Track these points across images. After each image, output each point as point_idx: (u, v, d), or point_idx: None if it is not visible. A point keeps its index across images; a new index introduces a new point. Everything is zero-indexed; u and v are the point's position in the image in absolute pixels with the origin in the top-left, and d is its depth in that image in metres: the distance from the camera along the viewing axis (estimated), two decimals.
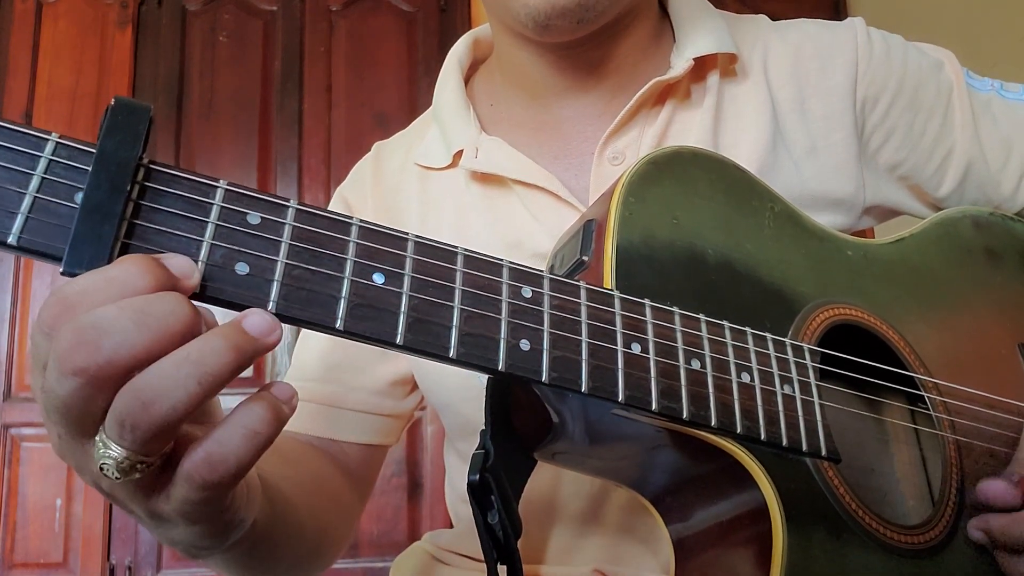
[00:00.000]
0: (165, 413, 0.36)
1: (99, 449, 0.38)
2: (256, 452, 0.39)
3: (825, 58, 0.81)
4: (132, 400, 0.36)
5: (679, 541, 0.59)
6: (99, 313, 0.36)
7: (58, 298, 0.37)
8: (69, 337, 0.35)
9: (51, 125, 2.51)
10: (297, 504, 0.66)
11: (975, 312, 0.73)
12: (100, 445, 0.37)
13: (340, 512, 0.80)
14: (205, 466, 0.39)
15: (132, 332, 0.36)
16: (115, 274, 0.37)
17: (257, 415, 0.39)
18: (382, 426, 0.85)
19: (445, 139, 0.83)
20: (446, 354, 0.44)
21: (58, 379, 0.36)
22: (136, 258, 0.37)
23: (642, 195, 0.58)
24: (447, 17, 2.89)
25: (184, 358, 0.37)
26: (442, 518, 1.10)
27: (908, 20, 2.52)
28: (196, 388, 0.37)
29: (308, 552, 0.72)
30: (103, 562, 2.46)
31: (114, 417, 0.37)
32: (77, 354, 0.35)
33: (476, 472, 0.54)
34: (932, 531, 0.60)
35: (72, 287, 0.37)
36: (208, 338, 0.38)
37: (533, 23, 0.71)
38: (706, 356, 0.53)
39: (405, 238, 0.46)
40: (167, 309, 0.36)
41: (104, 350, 0.35)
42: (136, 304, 0.36)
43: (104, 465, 0.37)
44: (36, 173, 0.38)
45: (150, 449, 0.38)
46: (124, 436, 0.37)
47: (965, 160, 0.82)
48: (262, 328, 0.39)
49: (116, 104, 0.39)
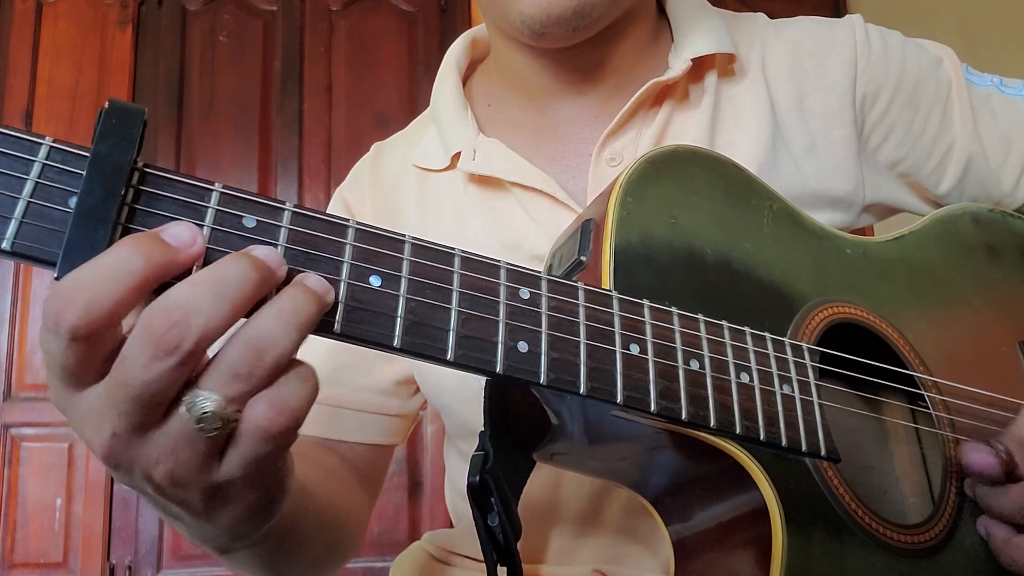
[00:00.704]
0: (277, 357, 0.39)
1: (193, 407, 0.39)
2: (311, 399, 0.41)
3: (824, 56, 0.81)
4: (245, 349, 0.39)
5: (679, 542, 0.59)
6: (176, 293, 0.37)
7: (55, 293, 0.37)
8: (160, 321, 0.37)
9: (51, 125, 2.52)
10: (317, 499, 0.67)
11: (975, 309, 0.73)
12: (193, 404, 0.39)
13: (354, 509, 0.80)
14: (273, 412, 0.40)
15: (214, 304, 0.37)
16: (107, 260, 0.37)
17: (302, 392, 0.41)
18: (389, 426, 0.86)
19: (443, 140, 0.83)
20: (444, 357, 0.44)
21: (148, 363, 0.37)
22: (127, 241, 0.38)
23: (640, 195, 0.58)
24: (447, 17, 2.89)
25: (280, 310, 0.39)
26: (442, 518, 1.10)
27: (907, 18, 2.52)
28: (296, 334, 0.39)
29: (328, 548, 0.72)
30: (103, 562, 2.46)
31: (227, 370, 0.39)
32: (171, 335, 0.37)
33: (476, 474, 0.54)
34: (932, 530, 0.60)
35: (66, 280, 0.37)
36: (291, 291, 0.40)
37: (529, 31, 0.71)
38: (705, 356, 0.53)
39: (402, 240, 0.45)
40: (237, 274, 0.38)
41: (195, 327, 0.37)
42: (208, 277, 0.38)
43: (205, 416, 0.38)
44: (30, 178, 0.38)
45: (248, 396, 0.40)
46: (233, 386, 0.39)
47: (965, 156, 0.82)
48: (322, 285, 0.42)
49: (110, 107, 0.39)
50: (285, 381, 0.40)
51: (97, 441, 0.41)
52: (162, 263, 0.38)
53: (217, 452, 0.41)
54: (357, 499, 0.81)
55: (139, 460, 0.41)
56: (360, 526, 0.82)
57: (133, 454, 0.41)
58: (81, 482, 2.48)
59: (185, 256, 0.39)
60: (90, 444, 0.41)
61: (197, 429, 0.39)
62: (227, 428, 0.39)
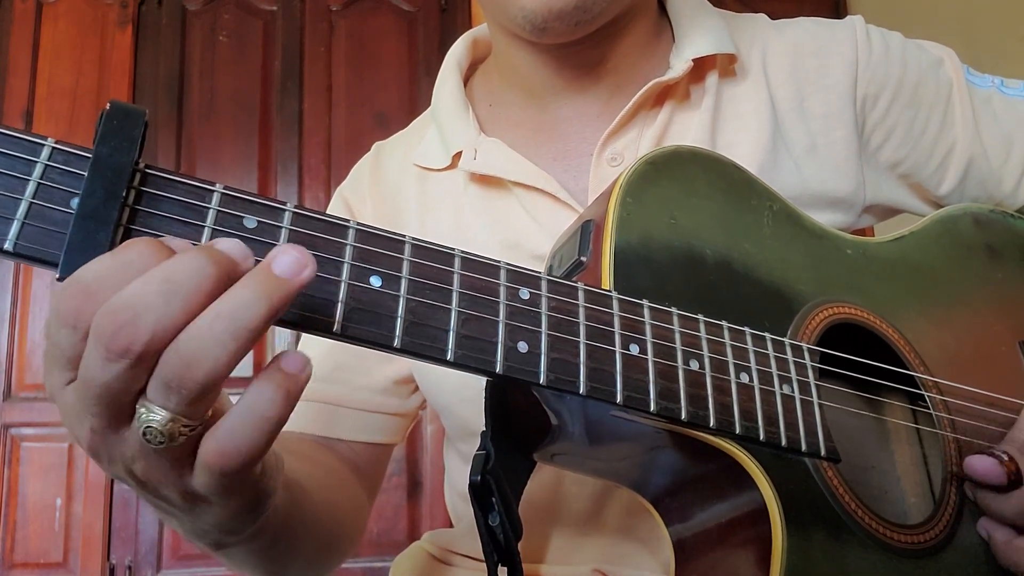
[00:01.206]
0: (207, 371, 0.36)
1: (141, 417, 0.38)
2: (270, 436, 0.39)
3: (824, 56, 0.81)
4: (176, 362, 0.36)
5: (679, 542, 0.59)
6: (127, 293, 0.36)
7: (78, 288, 0.37)
8: (108, 322, 0.35)
9: (51, 125, 2.52)
10: (313, 496, 0.66)
11: (975, 310, 0.73)
12: (142, 413, 0.38)
13: (352, 507, 0.80)
14: (218, 457, 0.39)
15: (163, 304, 0.36)
16: (131, 257, 0.37)
17: (267, 398, 0.38)
18: (388, 425, 0.86)
19: (444, 140, 0.83)
20: (444, 357, 0.44)
21: (102, 365, 0.36)
22: (145, 240, 0.37)
23: (640, 195, 0.58)
24: (447, 17, 2.89)
25: (216, 315, 0.36)
26: (442, 518, 1.10)
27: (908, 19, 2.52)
28: (233, 344, 0.36)
29: (325, 545, 0.72)
30: (103, 562, 2.46)
31: (160, 381, 0.37)
32: (120, 337, 0.35)
33: (477, 473, 0.54)
34: (932, 530, 0.60)
35: (88, 274, 0.36)
36: (237, 291, 0.37)
37: (530, 25, 0.71)
38: (704, 357, 0.53)
39: (402, 241, 0.45)
40: (190, 271, 0.36)
41: (143, 330, 0.35)
42: (157, 275, 0.36)
43: (148, 429, 0.37)
44: (32, 179, 0.38)
45: (195, 410, 0.38)
46: (170, 398, 0.37)
47: (966, 157, 0.82)
48: (292, 268, 0.38)
49: (111, 108, 0.39)
50: (235, 419, 0.38)
51: (80, 434, 0.41)
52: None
53: (184, 463, 0.41)
54: (355, 497, 0.81)
55: (119, 456, 0.41)
56: (359, 524, 0.82)
57: (112, 449, 0.41)
58: (81, 482, 2.48)
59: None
60: (77, 439, 0.42)
61: (144, 441, 0.38)
62: (176, 443, 0.38)
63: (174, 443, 0.38)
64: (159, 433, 0.37)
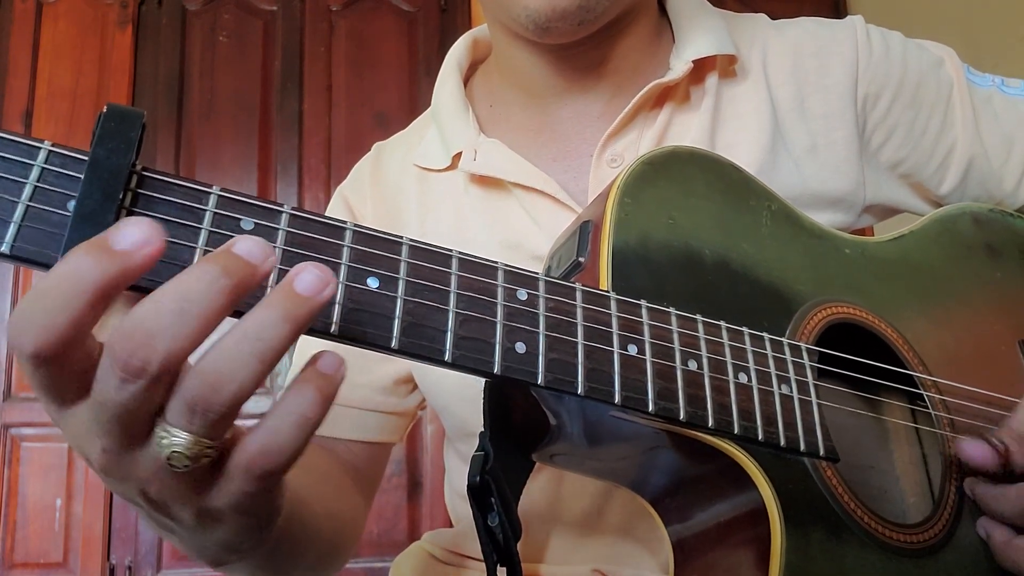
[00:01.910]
0: (234, 392, 0.36)
1: (162, 440, 0.37)
2: (308, 436, 0.39)
3: (825, 56, 0.81)
4: (200, 384, 0.36)
5: (678, 542, 0.59)
6: (140, 312, 0.35)
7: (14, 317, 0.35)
8: (122, 344, 0.35)
9: (51, 125, 2.52)
10: (313, 507, 0.66)
11: (975, 309, 0.73)
12: (163, 436, 0.37)
13: (351, 515, 0.80)
14: (261, 457, 0.38)
15: (178, 323, 0.35)
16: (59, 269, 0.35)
17: (307, 399, 0.38)
18: (386, 424, 0.85)
19: (444, 141, 0.83)
20: (441, 358, 0.44)
21: (118, 386, 0.35)
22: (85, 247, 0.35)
23: (638, 196, 0.58)
24: (447, 17, 2.89)
25: (243, 336, 0.36)
26: (442, 518, 1.10)
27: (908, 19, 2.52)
28: (258, 365, 0.36)
29: (325, 552, 0.72)
30: (103, 562, 2.46)
31: (183, 403, 0.36)
32: (136, 359, 0.34)
33: (476, 474, 0.54)
34: (931, 530, 0.60)
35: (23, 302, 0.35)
36: (260, 311, 0.36)
37: (533, 25, 0.70)
38: (703, 357, 0.53)
39: (399, 242, 0.45)
40: (203, 285, 0.35)
41: (159, 350, 0.35)
42: (170, 291, 0.35)
43: (174, 455, 0.37)
44: (29, 181, 0.38)
45: (218, 432, 0.38)
46: (194, 421, 0.37)
47: (967, 157, 0.82)
48: (315, 286, 0.37)
49: (108, 111, 0.39)
50: (277, 419, 0.38)
51: (92, 455, 0.40)
52: (114, 273, 0.34)
53: (204, 481, 0.41)
54: (352, 501, 0.81)
55: (132, 476, 0.41)
56: (356, 529, 0.82)
57: (126, 470, 0.40)
58: (81, 482, 2.48)
59: (140, 257, 0.35)
60: (87, 458, 0.41)
61: (168, 465, 0.38)
62: (199, 463, 0.38)
63: (198, 464, 0.38)
64: (184, 457, 0.37)
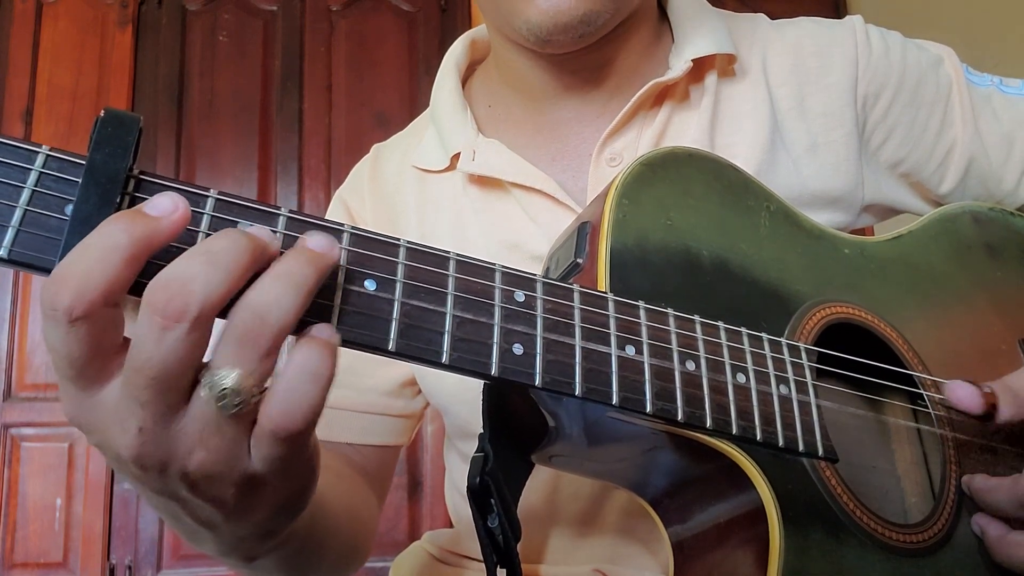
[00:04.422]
0: (279, 320, 0.39)
1: (212, 381, 0.38)
2: (324, 393, 0.40)
3: (824, 56, 0.81)
4: (249, 315, 0.38)
5: (678, 543, 0.59)
6: (174, 266, 0.37)
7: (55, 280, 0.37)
8: (160, 293, 0.37)
9: (51, 125, 2.51)
10: (331, 501, 0.67)
11: (975, 308, 0.73)
12: (209, 381, 0.38)
13: (366, 510, 0.80)
14: (284, 417, 0.39)
15: (210, 272, 0.37)
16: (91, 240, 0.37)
17: (316, 356, 0.40)
18: (394, 427, 0.86)
19: (442, 141, 0.83)
20: (438, 360, 0.44)
21: (159, 338, 0.37)
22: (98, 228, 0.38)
23: (636, 197, 0.58)
24: (447, 17, 2.89)
25: (277, 275, 0.39)
26: (442, 518, 1.10)
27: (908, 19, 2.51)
28: (296, 299, 0.39)
29: (346, 550, 0.72)
30: (103, 562, 2.46)
31: (233, 339, 0.38)
32: (174, 303, 0.37)
33: (476, 475, 0.54)
34: (931, 529, 0.60)
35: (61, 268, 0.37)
36: (285, 261, 0.40)
37: (534, 37, 0.71)
38: (701, 357, 0.53)
39: (397, 244, 0.46)
40: (227, 245, 0.38)
41: (196, 294, 0.37)
42: (200, 249, 0.38)
43: (224, 392, 0.38)
44: (27, 186, 0.38)
45: (266, 367, 0.39)
46: (242, 355, 0.38)
47: (967, 156, 0.82)
48: (325, 243, 0.41)
49: (105, 116, 0.39)
50: (291, 379, 0.39)
51: (125, 442, 0.40)
52: (146, 234, 0.37)
53: (245, 437, 0.41)
54: (366, 500, 0.81)
55: (172, 454, 0.40)
56: (372, 527, 0.82)
57: (165, 448, 0.40)
58: (81, 482, 2.48)
59: (168, 223, 0.38)
60: (118, 449, 0.40)
61: (219, 408, 0.39)
62: (248, 405, 0.39)
63: (246, 405, 0.39)
64: (235, 393, 0.38)
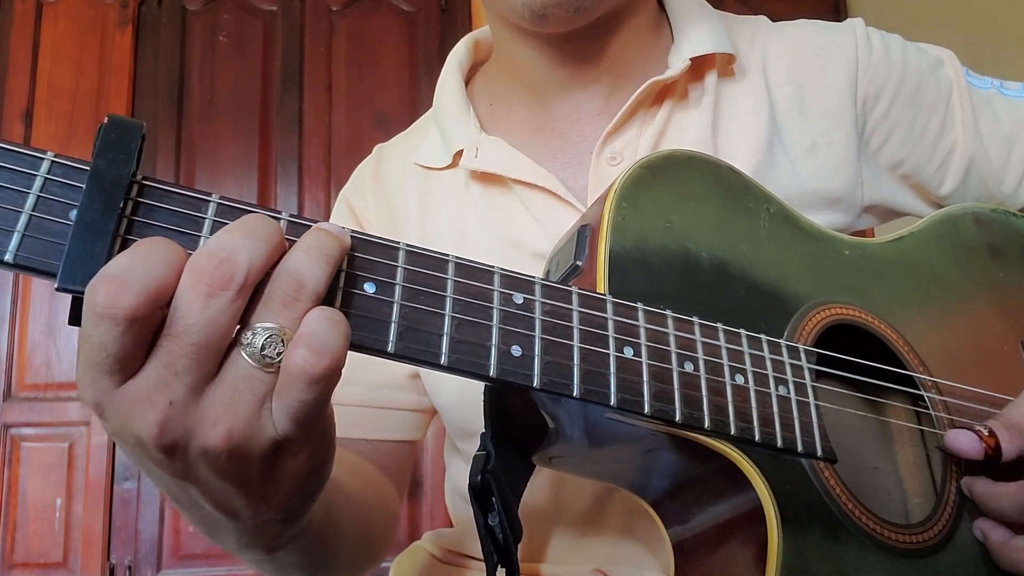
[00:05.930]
0: (316, 283, 0.42)
1: (254, 334, 0.41)
2: (347, 335, 0.42)
3: (825, 57, 0.81)
4: (290, 281, 0.41)
5: (679, 544, 0.59)
6: (217, 238, 0.40)
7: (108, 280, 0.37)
8: (206, 261, 0.39)
9: (51, 125, 2.51)
10: (348, 492, 0.67)
11: (976, 309, 0.73)
12: (250, 334, 0.41)
13: (384, 503, 0.80)
14: (314, 356, 0.40)
15: (252, 243, 0.40)
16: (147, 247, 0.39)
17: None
18: (410, 421, 0.86)
19: (445, 139, 0.84)
20: (437, 361, 0.45)
21: (203, 304, 0.39)
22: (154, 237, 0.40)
23: (635, 199, 0.59)
24: (448, 17, 2.89)
25: (307, 247, 0.42)
26: (442, 518, 1.10)
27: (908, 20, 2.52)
28: (326, 267, 0.42)
29: (364, 541, 0.72)
30: (103, 562, 2.46)
31: (276, 300, 0.41)
32: (221, 270, 0.39)
33: (478, 473, 0.54)
34: (931, 530, 0.60)
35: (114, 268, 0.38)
36: (312, 234, 0.43)
37: (530, 12, 0.71)
38: (699, 359, 0.53)
39: (396, 247, 0.46)
40: (260, 224, 0.42)
41: (241, 263, 0.40)
42: (238, 225, 0.41)
43: (268, 340, 0.41)
44: (32, 192, 0.38)
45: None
46: (283, 313, 0.41)
47: (967, 157, 0.82)
48: (336, 228, 0.44)
49: (108, 122, 0.40)
50: (318, 322, 0.41)
51: (152, 418, 0.40)
52: None
53: (268, 397, 0.42)
54: (386, 493, 0.81)
55: (197, 428, 0.41)
56: (392, 520, 0.82)
57: (191, 422, 0.40)
58: (81, 482, 2.49)
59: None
60: (140, 431, 0.40)
61: (261, 358, 0.40)
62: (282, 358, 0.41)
63: (282, 357, 0.41)
64: (279, 342, 0.41)
